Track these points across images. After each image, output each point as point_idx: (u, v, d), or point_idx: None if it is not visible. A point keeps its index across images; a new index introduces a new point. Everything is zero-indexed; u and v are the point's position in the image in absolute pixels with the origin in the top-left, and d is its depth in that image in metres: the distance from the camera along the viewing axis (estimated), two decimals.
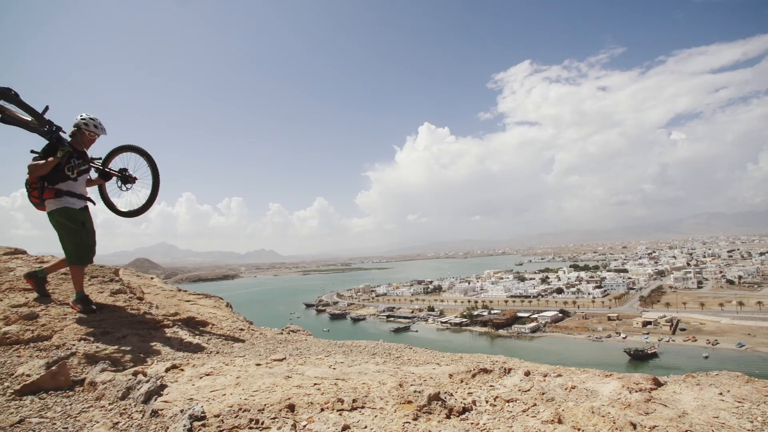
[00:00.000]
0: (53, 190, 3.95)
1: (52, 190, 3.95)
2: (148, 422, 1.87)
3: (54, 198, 3.95)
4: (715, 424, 1.77)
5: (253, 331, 4.65)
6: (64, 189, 3.98)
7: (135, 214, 4.54)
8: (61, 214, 3.94)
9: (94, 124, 4.07)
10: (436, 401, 1.97)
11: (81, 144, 4.06)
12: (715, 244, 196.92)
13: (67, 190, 3.99)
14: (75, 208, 4.03)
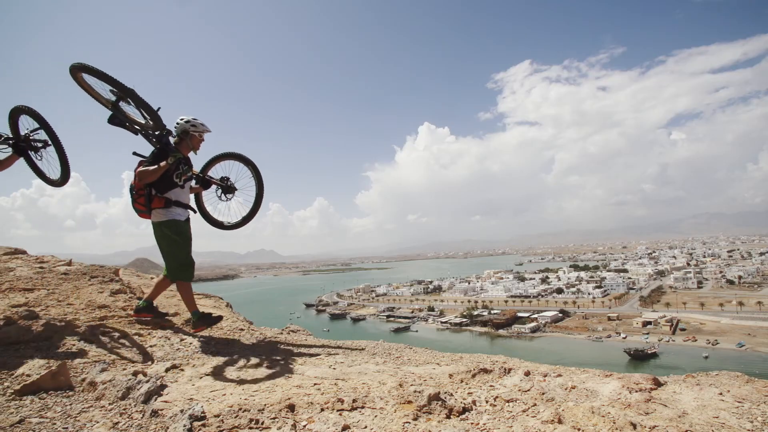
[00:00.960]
0: (162, 199, 3.73)
1: (161, 199, 3.73)
2: (148, 422, 1.87)
3: (163, 208, 3.73)
4: (715, 424, 1.77)
5: (253, 331, 4.65)
6: (173, 198, 3.76)
7: (234, 227, 4.28)
8: (169, 226, 3.72)
9: (201, 124, 3.84)
10: (436, 401, 1.97)
11: (189, 149, 3.85)
12: (715, 244, 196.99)
13: (175, 200, 3.78)
14: (181, 220, 3.81)
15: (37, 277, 4.57)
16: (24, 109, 3.83)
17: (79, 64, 3.55)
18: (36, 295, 4.02)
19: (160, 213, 3.74)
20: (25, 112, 3.83)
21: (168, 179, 3.71)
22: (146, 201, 3.75)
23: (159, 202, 3.72)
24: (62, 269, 5.08)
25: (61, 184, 4.17)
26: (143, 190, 3.75)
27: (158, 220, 3.74)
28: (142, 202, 3.76)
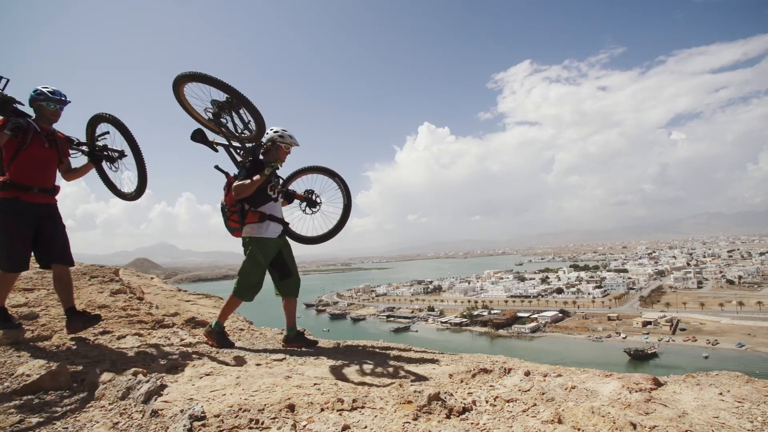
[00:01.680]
0: (257, 213, 3.55)
1: (255, 214, 3.55)
2: (148, 422, 1.87)
3: (257, 222, 3.56)
4: (715, 424, 1.77)
5: (253, 331, 4.65)
6: (267, 212, 3.59)
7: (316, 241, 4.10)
8: (258, 245, 3.56)
9: (289, 136, 3.66)
10: (436, 401, 1.97)
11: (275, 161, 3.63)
12: (715, 244, 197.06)
13: (269, 214, 3.60)
14: (274, 239, 3.63)
15: (37, 277, 4.57)
16: (105, 116, 3.68)
17: (190, 72, 3.44)
18: (36, 295, 4.03)
19: (254, 228, 3.58)
20: (106, 119, 3.67)
21: (262, 192, 3.55)
22: (240, 218, 3.59)
23: (253, 216, 3.56)
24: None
25: (134, 198, 3.97)
26: (235, 206, 3.59)
27: (250, 235, 3.59)
28: (236, 219, 3.61)
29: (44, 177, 3.27)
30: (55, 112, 3.28)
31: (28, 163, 3.15)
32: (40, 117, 3.25)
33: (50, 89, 3.23)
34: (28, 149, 3.12)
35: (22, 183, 3.11)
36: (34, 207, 3.18)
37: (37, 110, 3.25)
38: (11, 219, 3.07)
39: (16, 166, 3.11)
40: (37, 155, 3.19)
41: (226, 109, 3.68)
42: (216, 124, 3.76)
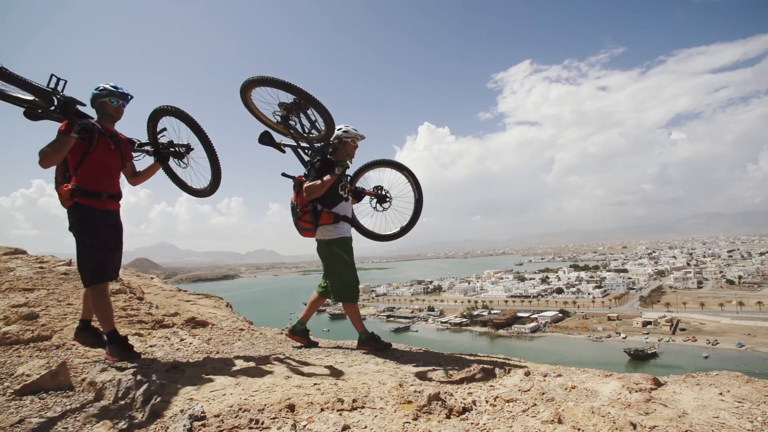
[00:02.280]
0: (331, 214, 3.50)
1: (330, 215, 3.50)
2: (148, 422, 1.87)
3: (332, 224, 3.51)
4: (715, 424, 1.77)
5: (253, 331, 4.65)
6: (341, 213, 3.54)
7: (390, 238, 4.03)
8: (340, 244, 3.51)
9: (354, 130, 3.65)
10: (436, 401, 1.97)
11: (343, 158, 3.63)
12: (715, 244, 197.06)
13: (343, 215, 3.56)
14: (349, 237, 3.62)
15: (37, 277, 4.57)
16: (168, 109, 3.41)
17: (257, 77, 3.37)
18: (36, 295, 4.03)
19: (330, 230, 3.53)
20: (170, 112, 3.42)
21: (333, 192, 3.50)
22: (313, 219, 3.53)
23: (328, 217, 3.50)
24: (62, 269, 5.08)
25: (208, 193, 3.75)
26: (307, 207, 3.54)
27: (327, 237, 3.53)
28: (308, 219, 3.55)
29: (112, 182, 3.04)
30: (117, 108, 3.06)
31: (96, 167, 2.91)
32: (103, 116, 3.03)
33: (112, 84, 3.03)
34: (95, 153, 2.88)
35: (90, 189, 2.87)
36: (105, 215, 2.95)
37: (99, 108, 3.03)
38: (95, 227, 2.85)
39: (84, 171, 2.87)
40: (104, 159, 2.96)
41: (294, 111, 3.64)
42: (284, 127, 3.72)
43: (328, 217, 3.51)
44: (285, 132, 3.75)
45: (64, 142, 2.70)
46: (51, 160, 2.70)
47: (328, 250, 3.54)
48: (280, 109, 3.65)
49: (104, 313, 2.86)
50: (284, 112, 3.65)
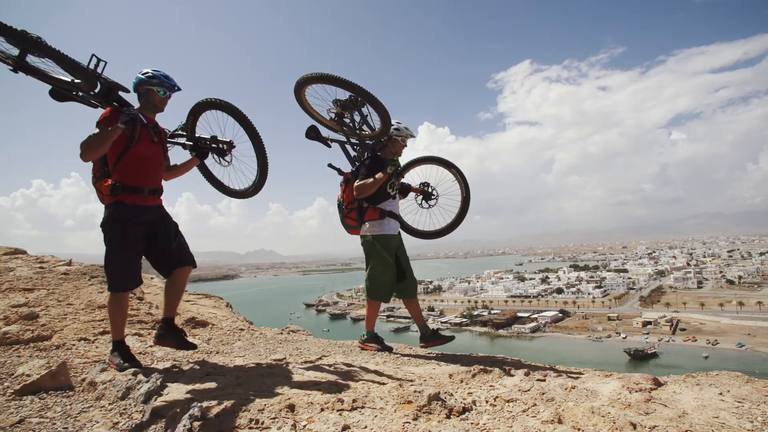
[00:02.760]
0: (377, 210, 3.47)
1: (375, 211, 3.47)
2: (148, 422, 1.87)
3: (378, 219, 3.47)
4: (715, 424, 1.77)
5: (253, 331, 4.65)
6: (387, 209, 3.50)
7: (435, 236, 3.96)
8: (382, 242, 3.46)
9: (405, 128, 3.57)
10: (436, 401, 1.97)
11: (392, 155, 3.60)
12: (715, 244, 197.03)
13: (389, 211, 3.51)
14: (394, 235, 3.56)
15: (37, 277, 4.57)
16: (215, 102, 3.22)
17: (312, 74, 3.30)
18: (36, 295, 4.03)
19: (375, 226, 3.49)
20: (217, 106, 3.23)
21: (381, 190, 3.45)
22: (359, 215, 3.53)
23: (373, 213, 3.48)
24: (62, 269, 5.08)
25: (251, 194, 3.51)
26: (353, 204, 3.54)
27: (371, 233, 3.49)
28: (354, 216, 3.55)
29: (154, 177, 2.84)
30: (164, 100, 2.85)
31: (138, 161, 2.71)
32: (146, 105, 2.80)
33: (162, 72, 2.80)
34: (137, 145, 2.68)
35: (132, 185, 2.67)
36: (147, 211, 2.75)
37: (144, 96, 2.79)
38: (126, 228, 2.65)
39: (125, 165, 2.67)
40: (146, 152, 2.74)
41: (349, 108, 3.60)
42: (338, 124, 3.67)
43: (373, 213, 3.48)
44: (337, 129, 3.70)
45: (111, 132, 2.48)
46: (95, 152, 2.49)
47: (371, 246, 3.48)
48: (334, 106, 3.61)
49: (116, 321, 2.70)
50: (339, 109, 3.61)
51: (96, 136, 2.50)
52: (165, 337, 2.83)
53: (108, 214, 2.66)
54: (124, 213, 2.64)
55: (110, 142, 2.50)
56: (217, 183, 3.59)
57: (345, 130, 3.67)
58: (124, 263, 2.65)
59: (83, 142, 2.47)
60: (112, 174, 2.67)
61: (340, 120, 3.65)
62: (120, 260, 2.64)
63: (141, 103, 2.81)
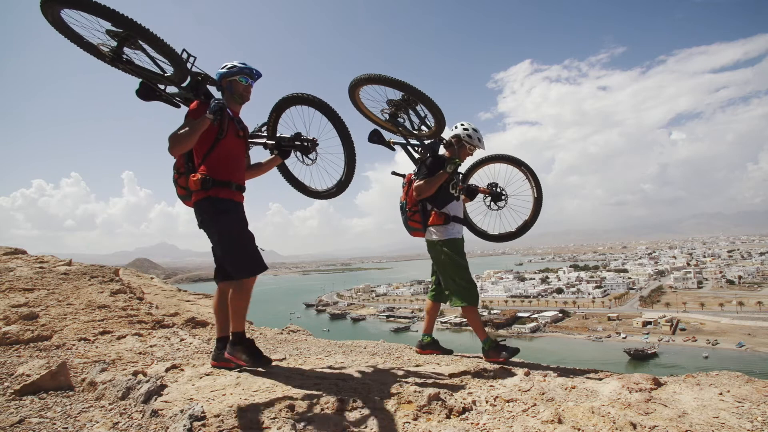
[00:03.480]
0: (442, 215, 3.36)
1: (440, 215, 3.36)
2: (148, 422, 1.87)
3: (442, 225, 3.35)
4: (715, 424, 1.77)
5: (253, 331, 4.65)
6: (451, 213, 3.39)
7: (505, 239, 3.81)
8: (450, 246, 3.33)
9: (478, 138, 3.46)
10: (436, 401, 1.97)
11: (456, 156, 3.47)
12: (715, 244, 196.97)
13: (453, 215, 3.40)
14: (459, 238, 3.42)
15: (37, 277, 4.57)
16: (299, 97, 3.02)
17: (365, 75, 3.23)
18: (36, 295, 4.03)
19: (440, 230, 3.37)
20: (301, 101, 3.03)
21: (444, 191, 3.36)
22: (422, 218, 3.43)
23: (438, 218, 3.36)
24: (62, 269, 5.08)
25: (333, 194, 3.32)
26: (417, 206, 3.45)
27: (437, 238, 3.38)
28: (418, 219, 3.45)
29: (240, 173, 2.73)
30: (247, 88, 2.76)
31: (226, 155, 2.61)
32: (231, 98, 2.72)
33: (240, 61, 2.74)
34: (226, 138, 2.59)
35: (221, 179, 2.56)
36: (237, 207, 2.65)
37: (227, 89, 2.72)
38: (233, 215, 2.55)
39: (214, 158, 2.57)
40: (233, 146, 2.66)
41: (403, 108, 3.52)
42: (393, 124, 3.61)
43: (438, 218, 3.37)
44: (394, 129, 3.64)
45: (200, 123, 2.41)
46: (184, 144, 2.41)
47: (437, 251, 3.38)
48: (388, 106, 3.54)
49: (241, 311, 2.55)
50: (392, 109, 3.54)
51: (186, 127, 2.43)
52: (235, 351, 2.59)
53: (205, 211, 2.55)
54: (221, 205, 2.54)
55: (199, 133, 2.43)
56: (297, 183, 3.43)
57: (400, 131, 3.60)
58: (249, 245, 2.52)
59: (172, 135, 2.41)
60: (199, 168, 2.57)
61: (394, 120, 3.59)
62: (247, 244, 2.52)
63: (226, 98, 2.74)
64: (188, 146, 2.46)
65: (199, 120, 2.42)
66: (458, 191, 3.46)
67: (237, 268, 2.52)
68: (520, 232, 3.78)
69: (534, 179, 3.67)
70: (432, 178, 3.28)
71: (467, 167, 3.86)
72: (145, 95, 2.58)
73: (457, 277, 3.31)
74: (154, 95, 2.61)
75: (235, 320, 2.57)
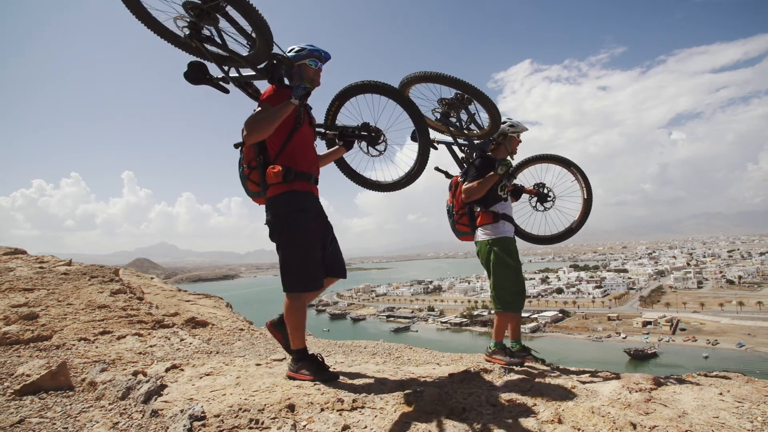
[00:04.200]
0: (490, 214, 3.27)
1: (488, 215, 3.27)
2: (148, 422, 1.87)
3: (491, 224, 3.26)
4: (715, 424, 1.77)
5: (253, 331, 4.66)
6: (500, 212, 3.29)
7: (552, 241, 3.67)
8: (500, 245, 3.19)
9: (519, 123, 3.41)
10: (436, 401, 1.97)
11: (506, 153, 3.42)
12: (715, 244, 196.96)
13: (502, 213, 3.30)
14: (510, 237, 3.29)
15: (37, 277, 4.57)
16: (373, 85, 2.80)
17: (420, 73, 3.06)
18: (36, 295, 4.03)
19: (489, 230, 3.26)
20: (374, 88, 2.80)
21: (492, 192, 3.25)
22: (469, 221, 3.36)
23: (486, 217, 3.26)
24: (62, 269, 5.08)
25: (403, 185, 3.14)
26: (464, 208, 3.37)
27: (486, 238, 3.24)
28: (466, 222, 3.39)
29: (317, 164, 2.55)
30: (317, 71, 2.58)
31: (304, 144, 2.46)
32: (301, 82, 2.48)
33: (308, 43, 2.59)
34: (303, 127, 2.43)
35: (301, 170, 2.39)
36: (317, 202, 2.49)
37: (297, 75, 2.55)
38: (308, 218, 2.37)
39: (292, 149, 2.40)
40: (309, 135, 2.51)
41: (456, 106, 3.40)
42: (444, 124, 3.49)
43: (486, 217, 3.26)
44: (443, 129, 3.54)
45: (283, 108, 2.25)
46: (264, 130, 2.24)
47: (487, 251, 3.23)
48: (440, 105, 3.43)
49: (297, 327, 2.40)
50: (445, 108, 3.42)
51: (266, 113, 2.25)
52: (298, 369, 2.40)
53: (282, 204, 2.35)
54: (301, 202, 2.37)
55: (281, 120, 2.26)
56: (356, 176, 3.24)
57: (452, 130, 3.47)
58: (308, 260, 2.34)
59: (250, 121, 2.25)
60: (277, 160, 2.39)
61: (446, 119, 3.47)
62: (304, 257, 2.33)
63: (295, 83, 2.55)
64: (267, 132, 2.27)
65: (282, 105, 2.25)
66: (506, 192, 3.34)
67: (287, 280, 2.35)
68: (568, 234, 3.62)
69: (584, 180, 3.53)
70: (483, 180, 3.16)
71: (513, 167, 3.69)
72: (194, 78, 2.40)
73: (503, 281, 3.16)
74: (204, 78, 2.42)
75: (292, 337, 2.42)
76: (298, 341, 2.40)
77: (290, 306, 2.38)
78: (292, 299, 2.37)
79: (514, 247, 3.26)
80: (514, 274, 3.16)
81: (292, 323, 2.40)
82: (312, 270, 2.36)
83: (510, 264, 3.17)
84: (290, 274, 2.34)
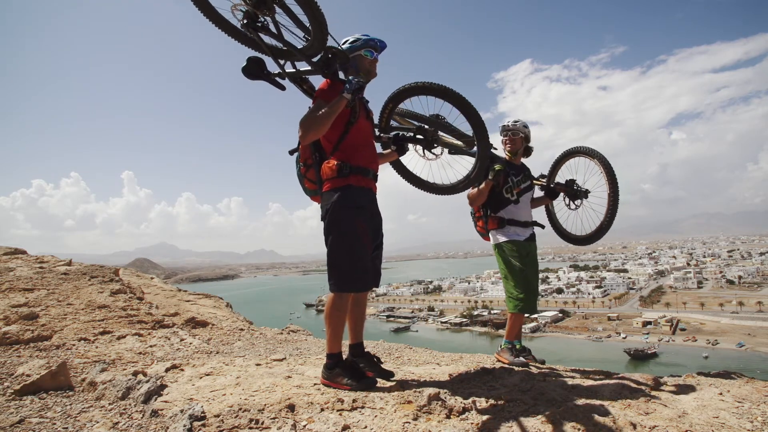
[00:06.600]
0: (496, 219, 3.31)
1: (495, 219, 3.31)
2: (148, 422, 1.87)
3: (498, 228, 3.30)
4: (715, 424, 1.77)
5: (253, 331, 4.66)
6: (506, 217, 3.30)
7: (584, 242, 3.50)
8: (507, 249, 3.24)
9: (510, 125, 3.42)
10: (436, 401, 1.97)
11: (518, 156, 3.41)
12: (715, 244, 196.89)
13: (509, 218, 3.29)
14: (521, 240, 3.26)
15: (37, 277, 4.57)
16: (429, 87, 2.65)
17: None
18: (36, 295, 4.03)
19: (494, 234, 3.35)
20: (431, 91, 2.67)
21: (497, 196, 3.27)
22: (485, 224, 3.41)
23: (493, 222, 3.33)
24: (62, 269, 5.09)
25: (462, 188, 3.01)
26: (480, 211, 3.42)
27: (495, 242, 3.35)
28: (482, 225, 3.44)
29: (376, 160, 2.47)
30: (373, 62, 2.48)
31: (361, 139, 2.37)
32: (355, 75, 2.41)
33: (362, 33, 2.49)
34: (359, 120, 2.35)
35: (359, 165, 2.30)
36: (374, 199, 2.42)
37: (352, 66, 2.45)
38: (361, 215, 2.27)
39: (348, 144, 2.32)
40: (366, 130, 2.41)
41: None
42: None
43: (493, 222, 3.32)
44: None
45: (337, 103, 2.18)
46: (320, 128, 2.17)
47: (496, 254, 3.33)
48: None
49: (336, 329, 2.30)
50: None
51: (320, 110, 2.18)
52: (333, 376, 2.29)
53: (335, 199, 2.25)
54: (356, 197, 2.27)
55: (335, 115, 2.19)
56: (414, 179, 3.15)
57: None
58: (359, 257, 2.24)
59: (305, 119, 2.18)
60: (333, 155, 2.32)
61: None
62: (353, 255, 2.23)
63: (351, 74, 2.46)
64: (324, 130, 2.20)
65: (336, 101, 2.18)
66: (515, 195, 3.30)
67: (333, 279, 2.25)
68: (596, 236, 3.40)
69: (608, 172, 3.25)
70: (476, 189, 3.22)
71: (552, 163, 3.64)
72: (252, 73, 2.34)
73: (513, 282, 3.18)
74: (262, 74, 2.35)
75: (329, 339, 2.32)
76: (334, 345, 2.31)
77: (333, 305, 2.28)
78: (337, 299, 2.28)
79: (524, 250, 3.23)
80: (521, 276, 3.15)
81: (333, 324, 2.29)
82: (361, 270, 2.26)
83: (516, 266, 3.16)
84: (338, 273, 2.24)
